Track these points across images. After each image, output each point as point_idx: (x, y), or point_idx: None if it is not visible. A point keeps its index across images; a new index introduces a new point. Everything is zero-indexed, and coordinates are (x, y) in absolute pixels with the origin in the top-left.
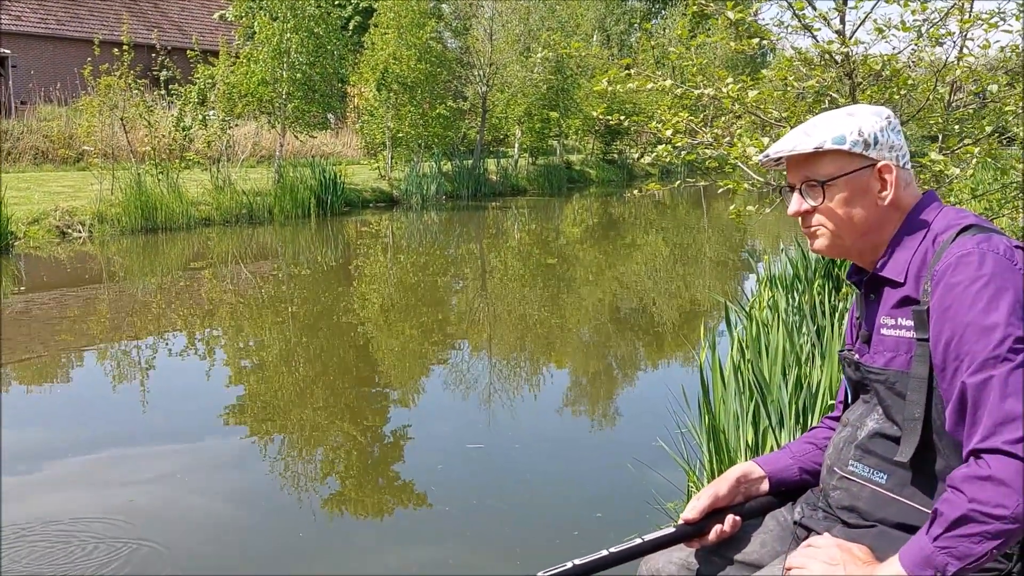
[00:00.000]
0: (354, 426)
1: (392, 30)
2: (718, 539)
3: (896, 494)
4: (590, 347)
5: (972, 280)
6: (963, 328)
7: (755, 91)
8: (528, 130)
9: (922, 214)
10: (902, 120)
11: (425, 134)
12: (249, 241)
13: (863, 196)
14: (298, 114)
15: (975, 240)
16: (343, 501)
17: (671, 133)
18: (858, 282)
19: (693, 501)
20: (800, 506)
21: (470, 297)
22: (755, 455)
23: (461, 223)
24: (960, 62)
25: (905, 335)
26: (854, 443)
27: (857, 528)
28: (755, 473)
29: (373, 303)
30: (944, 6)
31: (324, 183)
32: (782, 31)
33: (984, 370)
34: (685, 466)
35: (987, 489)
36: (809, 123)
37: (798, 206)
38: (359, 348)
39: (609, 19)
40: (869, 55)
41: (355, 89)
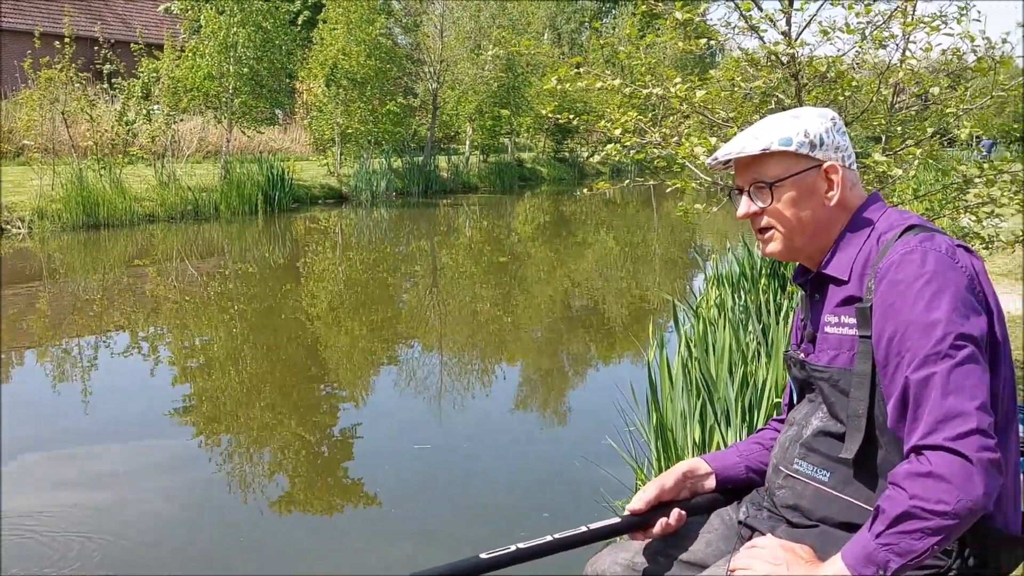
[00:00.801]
0: (303, 425)
1: (341, 26)
2: (663, 532)
3: (838, 492)
4: (541, 345)
5: (915, 278)
6: (905, 325)
7: (703, 91)
8: (479, 127)
9: (866, 214)
10: (847, 121)
11: (375, 130)
12: (195, 238)
13: (810, 197)
14: (245, 109)
15: (918, 239)
16: (291, 501)
17: (620, 132)
18: (804, 283)
19: (640, 493)
20: (745, 505)
21: (421, 295)
22: (702, 452)
23: (412, 220)
24: (903, 64)
25: (848, 332)
26: (799, 442)
27: (800, 528)
28: (702, 469)
29: (322, 301)
30: (887, 9)
31: (272, 179)
32: (729, 32)
33: (926, 367)
34: (633, 464)
35: (928, 485)
36: (756, 126)
37: (747, 208)
38: (308, 346)
39: (560, 17)
40: (814, 57)
41: (304, 85)
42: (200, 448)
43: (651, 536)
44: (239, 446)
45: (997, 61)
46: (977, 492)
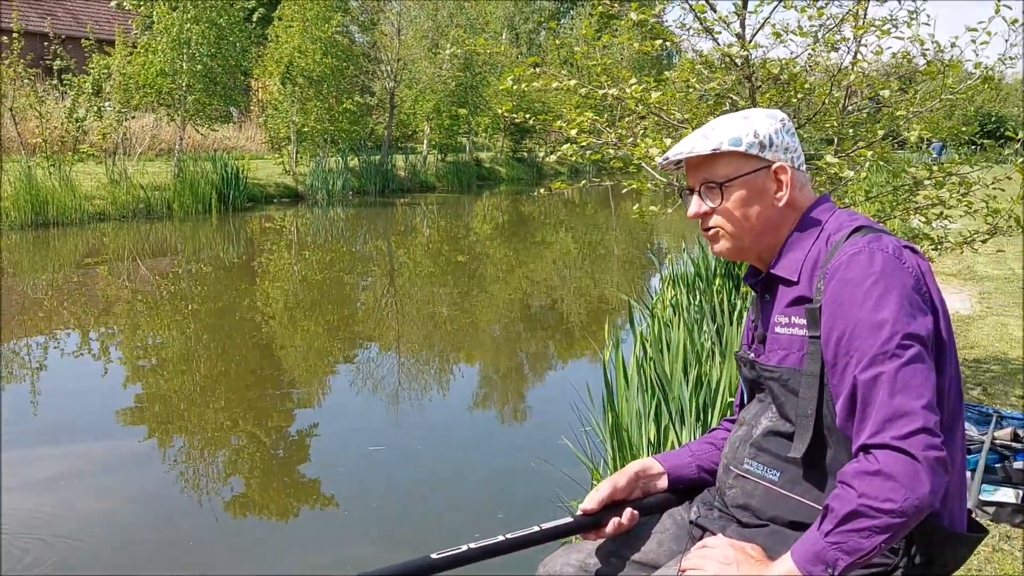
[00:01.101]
0: (258, 427)
1: (296, 23)
2: (615, 531)
3: (788, 491)
4: (500, 345)
5: (862, 278)
6: (853, 325)
7: (658, 92)
8: (437, 127)
9: (815, 215)
10: (799, 123)
11: (331, 129)
12: (147, 237)
13: (760, 197)
14: (199, 107)
15: (865, 240)
16: (247, 503)
17: (576, 132)
18: (754, 284)
19: (592, 492)
20: (696, 505)
21: (378, 295)
22: (657, 452)
23: (368, 219)
24: (854, 67)
25: (798, 333)
26: (749, 441)
27: (750, 527)
28: (654, 469)
29: (277, 301)
30: (839, 12)
31: (226, 178)
32: (684, 33)
33: (873, 366)
34: (588, 463)
35: (876, 484)
36: (707, 126)
37: (697, 208)
38: (263, 347)
39: (518, 17)
40: (768, 59)
41: (259, 82)
42: (152, 450)
43: (603, 536)
44: (193, 448)
45: (946, 64)
46: (924, 490)
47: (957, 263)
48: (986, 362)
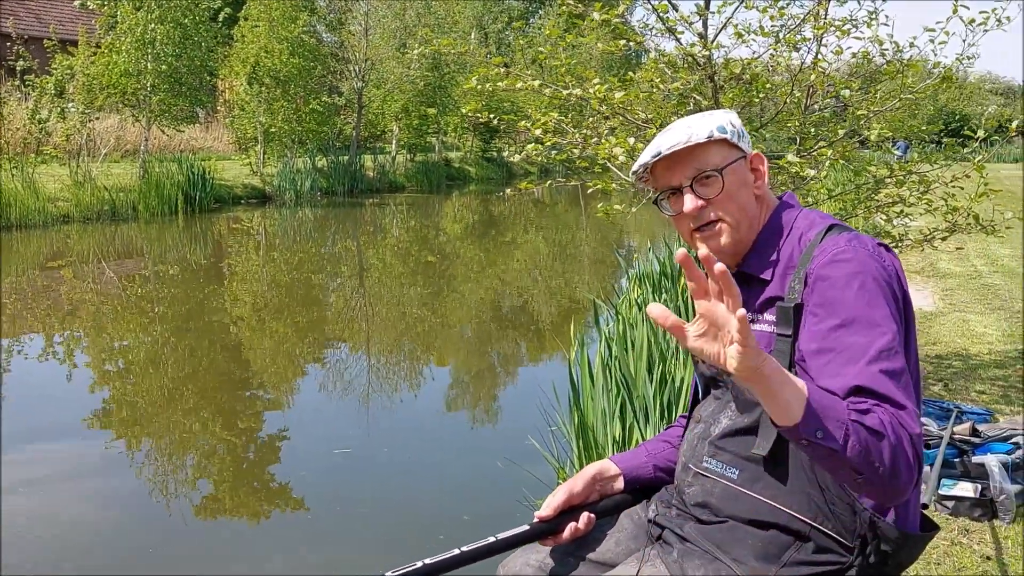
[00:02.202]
0: (227, 429)
1: (263, 23)
2: (572, 537)
3: (747, 489)
4: (470, 346)
5: (852, 275)
6: (850, 321)
7: (621, 92)
8: (406, 127)
9: (784, 214)
10: (762, 123)
11: (299, 129)
12: (112, 239)
13: (746, 187)
14: (164, 107)
15: (846, 238)
16: (216, 506)
17: (541, 132)
18: None
19: (548, 499)
20: (655, 504)
21: (348, 296)
22: (623, 450)
23: (337, 220)
24: (815, 67)
25: (767, 330)
26: (707, 439)
27: (709, 524)
28: (610, 471)
29: (245, 302)
30: (800, 13)
31: (192, 179)
32: (648, 34)
33: (880, 360)
34: (555, 463)
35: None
36: (680, 123)
37: (695, 202)
38: (231, 349)
39: (487, 17)
40: (730, 59)
41: (225, 82)
42: (120, 454)
43: (561, 542)
44: (161, 451)
45: (905, 64)
46: (907, 485)
47: (920, 260)
48: (948, 358)
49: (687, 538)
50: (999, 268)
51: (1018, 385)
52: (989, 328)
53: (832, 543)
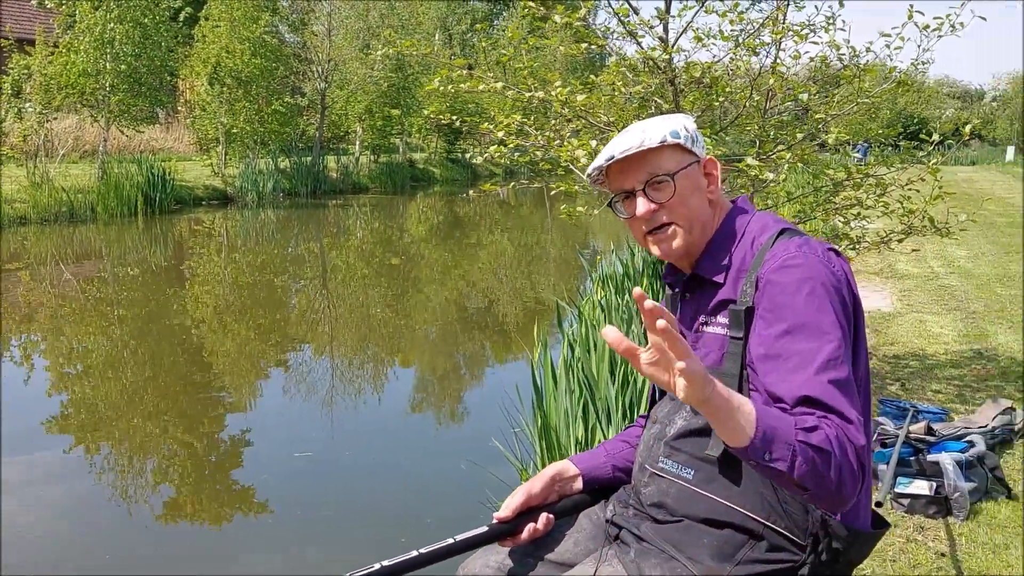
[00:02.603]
0: (188, 433)
1: (224, 23)
2: (531, 538)
3: (702, 489)
4: (435, 348)
5: (801, 281)
6: (798, 328)
7: (583, 95)
8: (369, 127)
9: (737, 217)
10: (722, 126)
11: (261, 130)
12: (70, 240)
13: (699, 191)
14: (123, 108)
15: (796, 244)
16: (178, 511)
17: (503, 134)
18: (673, 283)
19: (507, 500)
20: (612, 504)
21: (311, 297)
22: (586, 450)
23: (300, 221)
24: (773, 71)
25: (720, 332)
26: (663, 440)
27: (665, 523)
28: (569, 471)
29: (207, 305)
30: (759, 17)
31: (152, 180)
32: (610, 37)
33: (827, 370)
34: (518, 464)
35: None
36: (635, 127)
37: (647, 206)
38: (193, 352)
39: (451, 18)
40: (691, 62)
41: (186, 83)
42: (79, 459)
43: (519, 543)
44: (121, 456)
45: (861, 69)
46: (852, 496)
47: (879, 261)
48: (905, 358)
49: (644, 538)
50: (955, 269)
51: (973, 385)
52: (945, 328)
53: (785, 541)
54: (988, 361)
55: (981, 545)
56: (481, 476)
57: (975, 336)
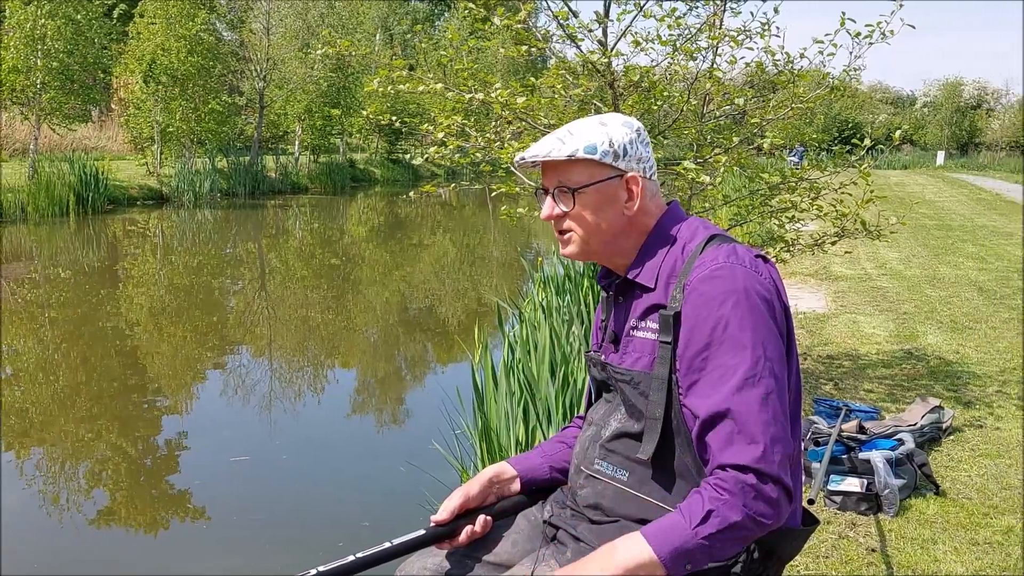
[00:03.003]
0: (123, 438)
1: (159, 20)
2: (469, 540)
3: (636, 490)
4: (376, 350)
5: (726, 294)
6: (719, 341)
7: (523, 98)
8: (309, 127)
9: (669, 223)
10: (661, 130)
11: (197, 129)
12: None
13: (611, 205)
14: (55, 105)
15: (724, 252)
16: (112, 517)
17: (443, 135)
18: (607, 285)
19: (445, 502)
20: (550, 505)
21: (249, 299)
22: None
23: (238, 222)
24: (710, 75)
25: (650, 337)
26: (598, 442)
27: (601, 524)
28: (507, 473)
29: (142, 307)
30: (697, 23)
31: (85, 179)
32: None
33: (745, 388)
34: (458, 466)
35: (758, 502)
36: (563, 129)
37: (550, 210)
38: (127, 355)
39: (392, 18)
40: (630, 66)
41: (120, 80)
42: (8, 465)
43: (457, 545)
44: (53, 462)
45: (795, 74)
46: (785, 514)
47: (814, 263)
48: (838, 358)
49: (581, 538)
50: (887, 271)
51: (903, 384)
52: (877, 329)
53: None
54: (918, 361)
55: (910, 541)
56: (421, 479)
57: (906, 336)
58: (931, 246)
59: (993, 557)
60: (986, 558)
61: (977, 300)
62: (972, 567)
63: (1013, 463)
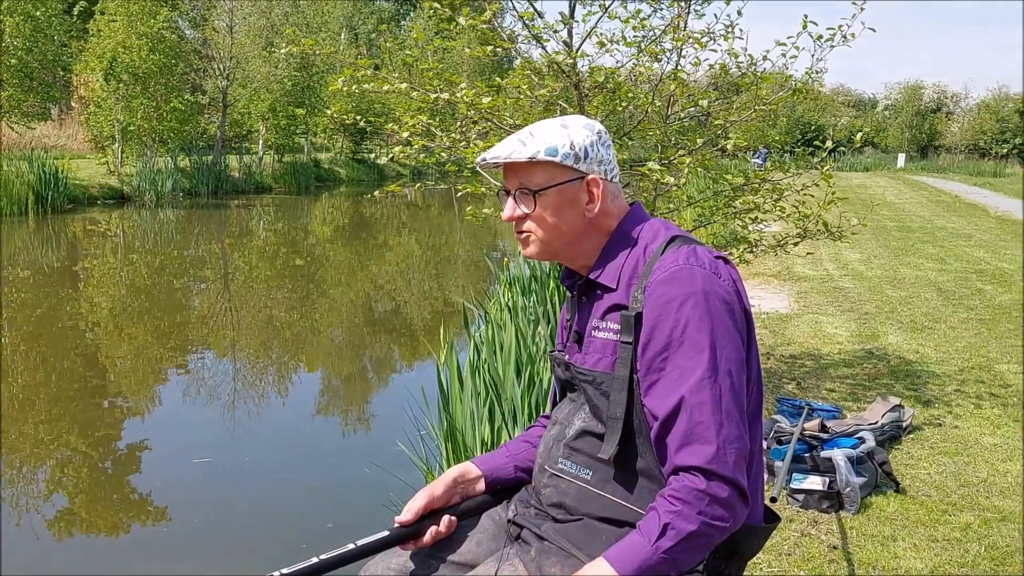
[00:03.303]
0: (83, 440)
1: (120, 17)
2: (433, 540)
3: (600, 490)
4: (341, 351)
5: (685, 296)
6: (678, 344)
7: (489, 98)
8: (273, 127)
9: (630, 225)
10: (626, 131)
11: (159, 128)
12: None
13: (572, 207)
14: (13, 103)
15: (684, 255)
16: (73, 520)
17: (408, 135)
18: (571, 286)
19: (409, 503)
20: (515, 504)
21: (212, 300)
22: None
23: (201, 222)
24: (674, 77)
25: (612, 338)
26: (562, 441)
27: (565, 523)
28: (472, 473)
29: (102, 307)
30: (661, 24)
31: (44, 178)
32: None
33: (701, 390)
34: (423, 466)
35: (714, 506)
36: (525, 131)
37: (511, 211)
38: (88, 356)
39: (357, 17)
40: (595, 67)
41: (80, 78)
42: None
43: (422, 545)
44: (11, 464)
45: (759, 77)
46: (742, 514)
47: (777, 264)
48: (801, 358)
49: (545, 537)
50: (849, 272)
51: (864, 383)
52: (839, 329)
53: None
54: (879, 360)
55: (871, 538)
56: (385, 480)
57: (867, 336)
58: (892, 247)
59: (952, 553)
60: (945, 554)
61: (936, 300)
62: (931, 563)
63: (971, 461)
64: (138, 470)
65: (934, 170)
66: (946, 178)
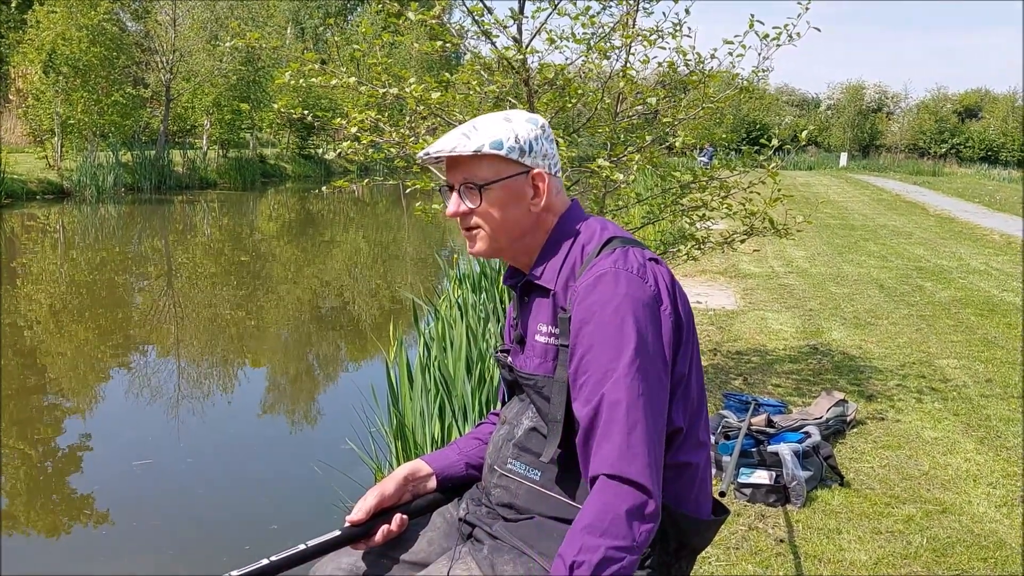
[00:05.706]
0: (23, 440)
1: (60, 8)
2: (385, 539)
3: (548, 490)
4: (288, 349)
5: (607, 300)
6: (598, 346)
7: (438, 93)
8: (218, 121)
9: (569, 224)
10: (575, 128)
11: (100, 121)
12: None
13: (517, 201)
14: None
15: (612, 260)
16: (10, 522)
17: (357, 130)
18: (513, 285)
19: (360, 502)
20: (466, 502)
21: (155, 297)
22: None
23: (143, 217)
24: (623, 75)
25: (552, 341)
26: (511, 441)
27: (516, 521)
28: (422, 471)
29: (42, 304)
30: (611, 22)
31: None
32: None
33: (615, 392)
34: (373, 464)
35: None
36: (468, 125)
37: (456, 207)
38: (26, 354)
39: (303, 12)
40: (544, 63)
41: (18, 71)
42: None
43: (373, 544)
44: None
45: (706, 75)
46: (651, 517)
47: (724, 261)
48: (747, 353)
49: (496, 535)
50: (794, 269)
51: (809, 378)
52: (785, 325)
53: None
54: (823, 356)
55: (817, 531)
56: (335, 479)
57: (811, 332)
58: (835, 245)
59: (895, 545)
60: (888, 546)
61: (878, 297)
62: (875, 555)
63: (913, 454)
64: (79, 470)
65: (875, 169)
66: (887, 177)
